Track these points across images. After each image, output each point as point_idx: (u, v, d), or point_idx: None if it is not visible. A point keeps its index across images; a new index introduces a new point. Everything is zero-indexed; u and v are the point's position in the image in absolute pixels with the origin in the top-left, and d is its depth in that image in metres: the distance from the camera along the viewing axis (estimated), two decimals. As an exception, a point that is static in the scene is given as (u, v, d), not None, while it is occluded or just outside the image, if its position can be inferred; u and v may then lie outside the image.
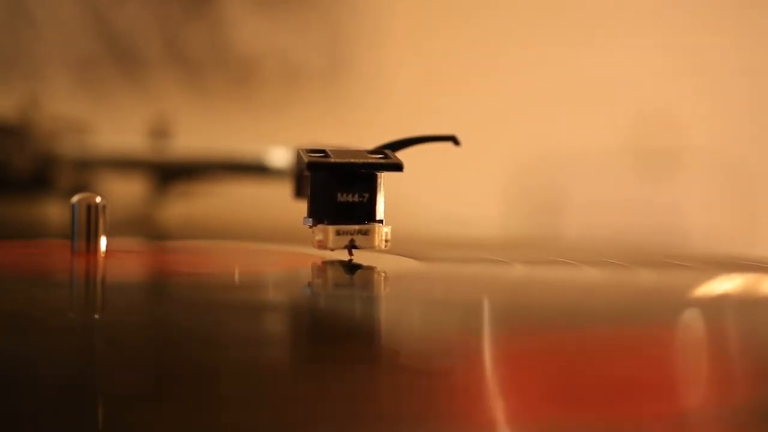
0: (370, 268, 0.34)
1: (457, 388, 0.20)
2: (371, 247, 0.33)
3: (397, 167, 0.33)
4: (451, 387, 0.20)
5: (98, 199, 0.34)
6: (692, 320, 0.28)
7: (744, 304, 0.31)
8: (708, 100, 0.88)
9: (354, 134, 0.46)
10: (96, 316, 0.27)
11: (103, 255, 0.34)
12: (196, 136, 0.64)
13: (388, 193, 0.33)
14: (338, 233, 0.33)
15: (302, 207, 0.34)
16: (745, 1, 0.90)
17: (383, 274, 0.35)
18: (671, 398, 0.20)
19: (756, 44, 0.89)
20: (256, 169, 0.60)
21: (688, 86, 0.88)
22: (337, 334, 0.25)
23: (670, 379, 0.22)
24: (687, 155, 0.87)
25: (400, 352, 0.23)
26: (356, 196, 0.33)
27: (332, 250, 0.33)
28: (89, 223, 0.34)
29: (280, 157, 0.59)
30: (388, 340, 0.25)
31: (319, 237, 0.33)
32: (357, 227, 0.33)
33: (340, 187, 0.33)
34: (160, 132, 0.63)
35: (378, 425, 0.18)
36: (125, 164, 0.63)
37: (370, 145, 0.34)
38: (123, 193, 0.62)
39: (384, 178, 0.33)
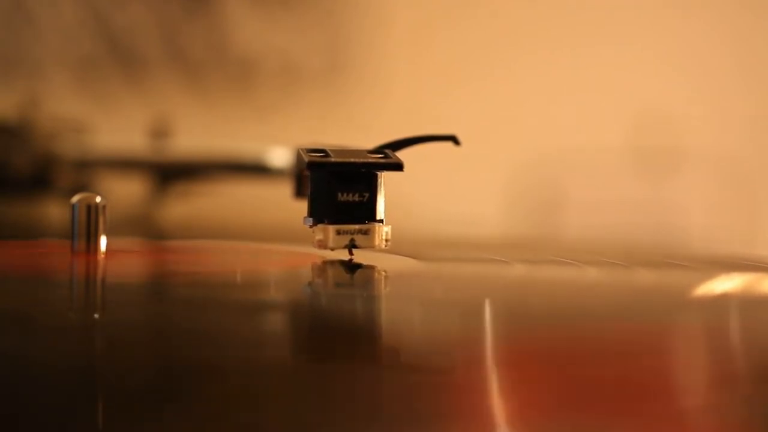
0: (371, 268, 0.34)
1: (457, 387, 0.20)
2: (371, 247, 0.33)
3: (398, 167, 0.33)
4: (451, 386, 0.20)
5: (98, 199, 0.34)
6: (692, 320, 0.28)
7: (744, 304, 0.31)
8: (708, 99, 0.88)
9: (354, 134, 0.46)
10: (96, 316, 0.27)
11: (103, 255, 0.34)
12: (196, 136, 0.64)
13: (389, 193, 0.33)
14: (338, 233, 0.33)
15: (302, 207, 0.34)
16: (744, 2, 0.90)
17: (383, 273, 0.35)
18: (671, 398, 0.20)
19: (755, 44, 0.88)
20: (256, 169, 0.60)
21: (688, 86, 0.88)
22: (337, 333, 0.25)
23: (670, 379, 0.22)
24: (687, 155, 0.87)
25: (400, 352, 0.23)
26: (356, 195, 0.33)
27: (332, 249, 0.33)
28: (89, 223, 0.34)
29: (280, 157, 0.59)
30: (388, 339, 0.25)
31: (319, 236, 0.33)
32: (357, 227, 0.33)
33: (340, 187, 0.33)
34: (160, 132, 0.63)
35: (378, 424, 0.18)
36: (125, 164, 0.63)
37: (371, 145, 0.34)
38: (123, 193, 0.62)
39: (384, 178, 0.33)
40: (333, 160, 0.33)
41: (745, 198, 0.87)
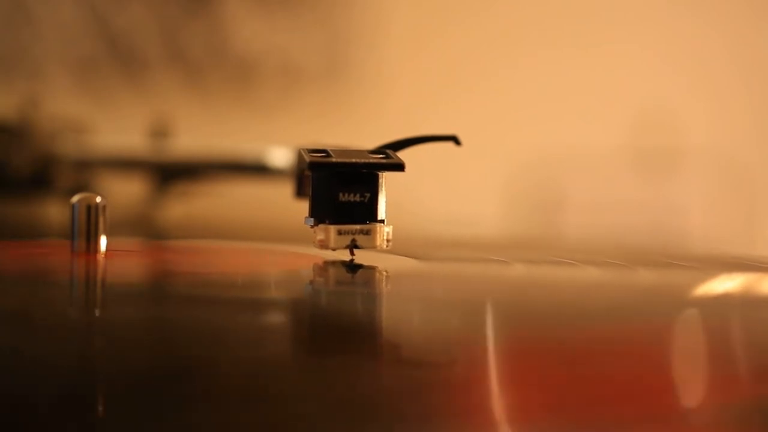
0: (372, 268, 0.34)
1: (457, 387, 0.20)
2: (373, 247, 0.33)
3: (399, 167, 0.33)
4: (451, 386, 0.20)
5: (98, 199, 0.34)
6: (692, 320, 0.28)
7: (744, 304, 0.31)
8: (708, 99, 0.88)
9: (354, 134, 0.46)
10: (96, 316, 0.27)
11: (103, 255, 0.34)
12: (196, 136, 0.64)
13: (390, 193, 0.33)
14: (340, 233, 0.33)
15: (303, 207, 0.34)
16: (744, 2, 0.90)
17: (385, 273, 0.35)
18: (671, 398, 0.20)
19: (755, 44, 0.89)
20: (256, 169, 0.60)
21: (688, 86, 0.89)
22: (338, 333, 0.25)
23: (670, 378, 0.22)
24: (687, 155, 0.87)
25: (401, 351, 0.23)
26: (358, 195, 0.33)
27: (334, 249, 0.33)
28: (89, 223, 0.34)
29: (281, 156, 0.59)
30: (389, 339, 0.25)
31: (320, 237, 0.33)
32: (358, 227, 0.33)
33: (341, 187, 0.33)
34: (160, 132, 0.63)
35: (378, 424, 0.18)
36: (125, 164, 0.63)
37: (372, 145, 0.34)
38: (123, 193, 0.62)
39: (385, 178, 0.33)
40: (334, 160, 0.33)
41: (744, 198, 0.87)
